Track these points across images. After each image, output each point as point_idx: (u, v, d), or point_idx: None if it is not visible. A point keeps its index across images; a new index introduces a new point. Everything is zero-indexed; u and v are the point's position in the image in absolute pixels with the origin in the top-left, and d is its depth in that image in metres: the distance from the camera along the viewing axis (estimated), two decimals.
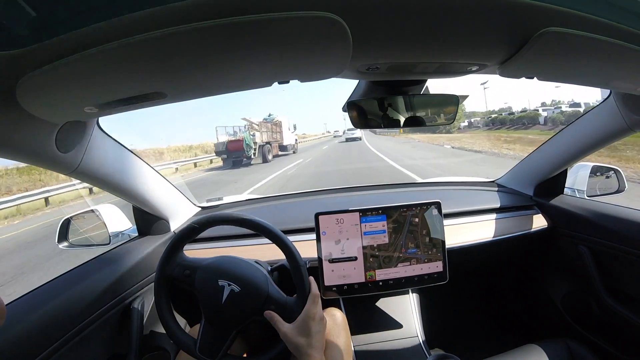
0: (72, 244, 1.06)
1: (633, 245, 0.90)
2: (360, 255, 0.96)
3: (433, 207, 0.99)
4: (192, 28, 0.33)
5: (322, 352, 0.66)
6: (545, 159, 1.18)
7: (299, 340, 0.64)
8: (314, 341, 0.64)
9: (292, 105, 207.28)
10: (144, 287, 0.93)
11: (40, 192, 9.30)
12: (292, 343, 0.64)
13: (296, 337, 0.65)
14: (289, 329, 0.66)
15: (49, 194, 9.30)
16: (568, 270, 1.16)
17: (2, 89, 0.42)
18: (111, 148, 0.78)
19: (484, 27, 0.43)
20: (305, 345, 0.64)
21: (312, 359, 0.63)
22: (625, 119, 0.83)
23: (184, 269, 0.73)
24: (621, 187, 1.18)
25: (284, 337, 0.66)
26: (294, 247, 0.72)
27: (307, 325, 0.66)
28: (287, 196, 1.41)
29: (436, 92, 0.77)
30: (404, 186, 1.53)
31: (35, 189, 9.67)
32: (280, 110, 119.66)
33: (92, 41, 0.34)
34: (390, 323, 1.05)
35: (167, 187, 1.05)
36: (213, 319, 0.71)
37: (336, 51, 0.42)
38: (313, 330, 0.65)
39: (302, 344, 0.64)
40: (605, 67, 0.55)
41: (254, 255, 0.84)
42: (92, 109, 0.50)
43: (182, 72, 0.43)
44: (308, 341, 0.64)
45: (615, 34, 0.42)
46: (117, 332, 0.85)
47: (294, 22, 0.35)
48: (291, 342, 0.64)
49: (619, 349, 0.98)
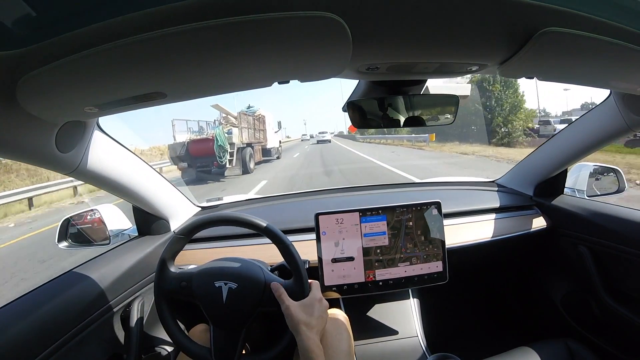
0: (72, 244, 1.06)
1: (633, 245, 0.90)
2: (360, 255, 0.96)
3: (433, 207, 0.99)
4: (192, 28, 0.33)
5: (319, 337, 0.66)
6: (545, 159, 1.18)
7: (301, 317, 0.65)
8: (314, 322, 0.65)
9: (268, 101, 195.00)
10: (143, 287, 0.93)
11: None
12: (293, 319, 0.65)
13: (299, 313, 0.66)
14: (293, 304, 0.67)
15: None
16: (568, 270, 1.16)
17: (2, 89, 0.42)
18: (111, 148, 0.78)
19: (484, 27, 0.43)
20: (306, 322, 0.65)
21: (308, 340, 0.63)
22: (625, 119, 0.83)
23: (180, 281, 0.73)
24: (621, 187, 1.18)
25: (286, 311, 0.66)
26: (292, 246, 0.72)
27: (311, 305, 0.67)
28: (286, 196, 1.41)
29: (437, 92, 0.77)
30: (404, 186, 1.53)
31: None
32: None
33: (92, 41, 0.34)
34: (390, 323, 1.05)
35: (167, 187, 1.05)
36: (220, 321, 0.71)
37: (336, 51, 0.42)
38: (316, 313, 0.67)
39: (302, 321, 0.65)
40: (605, 67, 0.55)
41: (254, 255, 0.84)
42: (92, 109, 0.50)
43: (182, 72, 0.43)
44: (309, 320, 0.65)
45: (615, 34, 0.42)
46: (116, 332, 0.85)
47: (294, 22, 0.35)
48: (293, 318, 0.65)
49: (619, 349, 0.98)
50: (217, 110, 10.59)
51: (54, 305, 0.69)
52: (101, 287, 0.80)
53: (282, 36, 0.37)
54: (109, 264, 0.87)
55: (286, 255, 0.72)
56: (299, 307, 0.67)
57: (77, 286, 0.76)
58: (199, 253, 1.05)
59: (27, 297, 0.70)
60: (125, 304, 0.87)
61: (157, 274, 0.74)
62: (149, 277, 0.95)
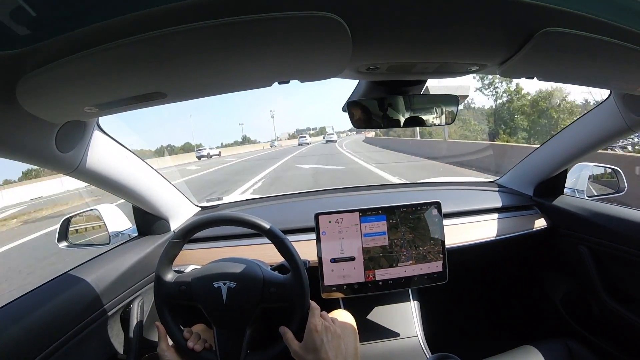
0: (71, 244, 1.06)
1: (633, 245, 0.90)
2: (360, 255, 0.96)
3: (433, 207, 0.99)
4: (192, 28, 0.33)
5: (338, 359, 0.65)
6: (545, 159, 1.18)
7: (308, 357, 0.64)
8: (322, 354, 0.64)
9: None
10: (143, 287, 0.94)
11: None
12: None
13: (305, 354, 0.65)
14: (298, 347, 0.66)
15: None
16: (568, 270, 1.16)
17: (2, 89, 0.42)
18: (111, 148, 0.78)
19: (484, 27, 0.43)
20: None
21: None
22: (625, 119, 0.83)
23: (179, 285, 0.73)
24: (621, 188, 1.18)
25: (295, 356, 0.66)
26: (292, 246, 0.72)
27: (311, 340, 0.65)
28: (286, 196, 1.41)
29: (437, 92, 0.77)
30: (404, 186, 1.53)
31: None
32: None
33: (92, 41, 0.34)
34: (390, 323, 1.04)
35: (167, 187, 1.05)
36: (222, 322, 0.71)
37: (336, 51, 0.42)
38: (318, 344, 0.65)
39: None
40: (605, 67, 0.55)
41: (254, 255, 0.84)
42: (92, 109, 0.50)
43: (182, 72, 0.43)
44: (316, 356, 0.64)
45: (615, 34, 0.42)
46: (116, 332, 0.85)
47: (294, 22, 0.35)
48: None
49: (619, 349, 0.98)
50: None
51: (53, 305, 0.69)
52: (101, 287, 0.80)
53: (282, 36, 0.37)
54: (109, 264, 0.87)
55: (281, 249, 0.72)
56: (303, 349, 0.65)
57: (77, 286, 0.76)
58: (198, 253, 1.05)
59: (26, 297, 0.70)
60: (125, 304, 0.87)
61: (155, 281, 0.74)
62: (148, 277, 0.95)
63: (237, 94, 3.43)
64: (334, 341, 0.67)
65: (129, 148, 0.85)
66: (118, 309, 0.85)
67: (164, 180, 1.03)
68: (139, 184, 0.90)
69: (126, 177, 0.84)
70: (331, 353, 0.64)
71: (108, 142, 0.77)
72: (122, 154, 0.82)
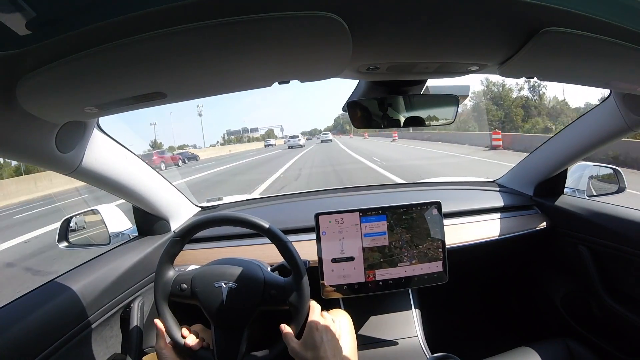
0: (71, 244, 1.06)
1: (633, 245, 0.90)
2: (360, 255, 0.95)
3: (433, 207, 0.98)
4: (192, 28, 0.33)
5: (337, 358, 0.65)
6: (545, 158, 1.18)
7: (307, 355, 0.64)
8: (321, 352, 0.64)
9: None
10: (143, 287, 0.94)
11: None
12: (301, 358, 0.64)
13: (304, 352, 0.64)
14: (297, 345, 0.66)
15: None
16: (568, 270, 1.16)
17: (2, 89, 0.42)
18: (111, 148, 0.78)
19: (484, 27, 0.43)
20: (313, 359, 0.63)
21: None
22: (625, 119, 0.83)
23: (179, 283, 0.73)
24: (621, 187, 1.18)
25: (292, 353, 0.65)
26: (293, 247, 0.72)
27: (311, 337, 0.65)
28: (286, 196, 1.41)
29: (437, 92, 0.77)
30: (404, 186, 1.53)
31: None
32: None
33: (92, 41, 0.34)
34: (390, 323, 1.04)
35: (167, 187, 1.05)
36: (221, 322, 0.71)
37: (336, 51, 0.42)
38: (318, 342, 0.65)
39: (309, 359, 0.63)
40: (605, 67, 0.55)
41: (255, 256, 0.84)
42: (92, 109, 0.50)
43: (182, 72, 0.43)
44: (315, 354, 0.63)
45: (615, 34, 0.42)
46: (116, 332, 0.85)
47: (294, 22, 0.35)
48: (301, 358, 0.64)
49: (618, 349, 0.98)
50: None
51: (53, 305, 0.69)
52: (101, 287, 0.80)
53: (282, 36, 0.37)
54: (109, 264, 0.86)
55: (281, 249, 0.72)
56: (302, 346, 0.65)
57: (77, 286, 0.76)
58: (199, 253, 1.05)
59: (26, 297, 0.70)
60: (125, 304, 0.87)
61: (156, 278, 0.74)
62: (149, 277, 0.95)
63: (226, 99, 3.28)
64: (334, 340, 0.67)
65: (129, 148, 0.85)
66: (118, 309, 0.85)
67: (164, 180, 1.03)
68: (139, 184, 0.90)
69: (126, 177, 0.84)
70: (330, 352, 0.64)
71: (108, 142, 0.77)
72: (122, 154, 0.82)
